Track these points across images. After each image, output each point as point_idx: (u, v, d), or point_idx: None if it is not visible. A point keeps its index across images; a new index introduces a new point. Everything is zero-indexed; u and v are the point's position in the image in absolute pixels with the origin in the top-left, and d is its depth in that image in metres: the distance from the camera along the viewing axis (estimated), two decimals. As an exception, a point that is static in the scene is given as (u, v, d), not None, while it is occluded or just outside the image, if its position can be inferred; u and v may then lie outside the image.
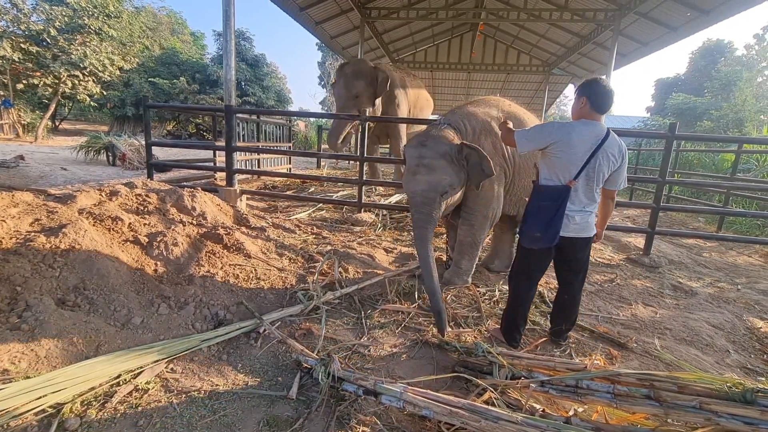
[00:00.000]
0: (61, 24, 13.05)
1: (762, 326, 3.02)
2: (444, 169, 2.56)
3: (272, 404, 1.74)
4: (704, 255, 5.18)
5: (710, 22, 7.62)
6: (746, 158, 9.02)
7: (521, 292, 2.32)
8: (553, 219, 2.07)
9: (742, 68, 21.09)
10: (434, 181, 2.53)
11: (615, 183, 2.19)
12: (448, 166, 2.57)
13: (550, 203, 2.10)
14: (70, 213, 2.68)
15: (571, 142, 2.03)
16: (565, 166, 2.07)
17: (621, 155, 2.10)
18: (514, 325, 2.34)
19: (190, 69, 20.42)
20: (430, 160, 2.56)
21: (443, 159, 2.56)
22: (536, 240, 2.15)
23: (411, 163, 2.63)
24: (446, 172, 2.56)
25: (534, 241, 2.17)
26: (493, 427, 1.36)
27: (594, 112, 2.09)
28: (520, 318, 2.34)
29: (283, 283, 2.91)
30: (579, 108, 2.12)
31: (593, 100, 2.07)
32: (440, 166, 2.55)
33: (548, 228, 2.09)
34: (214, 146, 7.06)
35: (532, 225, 2.15)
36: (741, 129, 14.63)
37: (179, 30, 30.85)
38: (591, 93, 2.08)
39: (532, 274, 2.31)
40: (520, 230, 2.26)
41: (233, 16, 4.81)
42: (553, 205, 2.09)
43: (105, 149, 9.15)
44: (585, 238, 2.19)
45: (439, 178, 2.54)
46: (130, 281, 2.39)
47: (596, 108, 2.08)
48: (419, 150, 2.63)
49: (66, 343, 1.81)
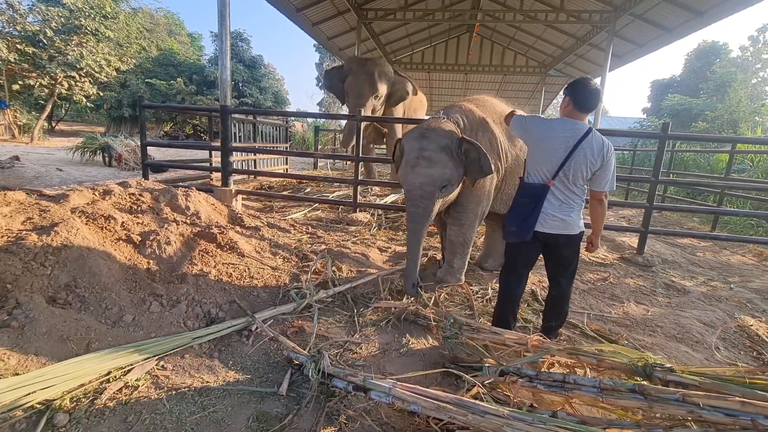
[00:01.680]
0: (58, 25, 13.03)
1: (753, 324, 3.04)
2: (445, 163, 2.48)
3: (262, 401, 1.75)
4: (698, 254, 5.21)
5: (704, 23, 7.66)
6: (740, 158, 9.09)
7: (509, 288, 2.35)
8: (529, 215, 2.13)
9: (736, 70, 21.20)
10: (435, 174, 2.46)
11: (599, 184, 2.12)
12: (449, 160, 2.49)
13: (527, 200, 2.17)
14: (62, 212, 2.69)
15: (548, 138, 2.10)
16: (544, 164, 2.12)
17: (602, 155, 2.04)
18: (504, 320, 2.35)
19: (188, 70, 20.42)
20: (431, 152, 2.47)
21: (444, 152, 2.49)
22: (511, 234, 2.22)
23: (411, 155, 2.53)
24: (447, 166, 2.48)
25: (509, 235, 2.24)
26: (480, 421, 1.36)
27: (577, 111, 2.10)
28: (509, 313, 2.36)
29: (276, 282, 2.91)
30: (564, 107, 2.16)
31: (576, 99, 2.09)
32: (441, 160, 2.47)
33: (523, 223, 2.15)
34: (210, 146, 7.05)
35: (510, 219, 2.23)
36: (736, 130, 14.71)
37: (176, 31, 30.83)
38: (574, 92, 2.10)
39: (518, 269, 2.34)
40: (502, 223, 2.33)
41: (228, 16, 4.82)
42: (529, 202, 2.15)
43: (101, 150, 9.13)
44: (569, 236, 2.17)
45: (439, 172, 2.46)
46: (122, 279, 2.39)
47: (579, 107, 2.09)
48: (420, 142, 2.54)
49: (56, 341, 1.81)
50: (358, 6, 10.09)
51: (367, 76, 5.62)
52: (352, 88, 5.67)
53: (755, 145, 8.40)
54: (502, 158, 3.01)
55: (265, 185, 7.24)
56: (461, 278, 3.12)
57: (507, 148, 3.02)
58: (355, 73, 5.72)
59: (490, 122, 2.94)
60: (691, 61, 25.60)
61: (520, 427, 1.31)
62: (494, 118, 3.03)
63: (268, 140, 8.88)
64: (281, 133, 9.47)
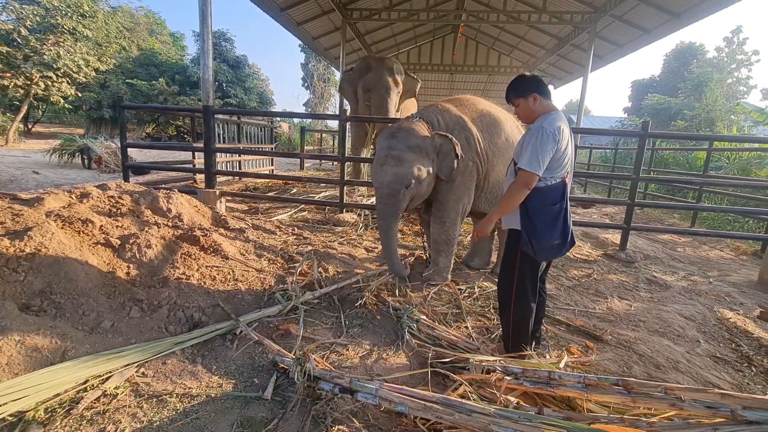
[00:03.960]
0: (33, 23, 12.66)
1: (731, 317, 3.13)
2: (411, 162, 2.58)
3: (247, 405, 1.71)
4: (678, 250, 5.34)
5: (681, 24, 7.87)
6: (717, 156, 9.35)
7: (531, 310, 2.05)
8: (565, 219, 1.92)
9: (712, 70, 21.89)
10: (401, 173, 2.57)
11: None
12: (416, 159, 2.60)
13: (559, 204, 1.92)
14: (36, 216, 2.59)
15: (565, 136, 1.91)
16: (561, 162, 1.91)
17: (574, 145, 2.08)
18: (527, 340, 2.09)
19: (170, 70, 20.07)
20: (398, 152, 2.59)
21: (412, 151, 2.60)
22: (555, 249, 1.95)
23: (380, 153, 2.67)
24: (413, 164, 2.59)
25: (552, 251, 1.97)
26: (467, 420, 1.36)
27: (549, 101, 2.00)
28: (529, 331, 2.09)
29: (261, 284, 2.86)
30: (535, 106, 1.99)
31: (542, 91, 1.99)
32: (408, 159, 2.58)
33: (564, 231, 1.92)
34: (193, 147, 6.92)
35: (549, 233, 1.91)
36: (712, 128, 15.15)
37: (158, 31, 30.25)
38: (536, 86, 1.99)
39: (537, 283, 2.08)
40: (532, 245, 1.92)
41: (210, 15, 4.74)
42: (560, 205, 1.93)
43: (80, 152, 8.90)
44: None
45: (405, 170, 2.57)
46: (100, 284, 2.31)
47: (548, 97, 2.01)
48: (389, 141, 2.67)
49: (30, 350, 1.74)
50: (343, 6, 10.05)
51: (388, 70, 5.69)
52: (375, 84, 5.71)
53: (731, 143, 8.65)
54: (481, 156, 3.02)
55: (250, 187, 7.14)
56: (447, 277, 3.13)
57: (486, 146, 3.04)
58: (376, 69, 5.78)
59: (468, 121, 2.99)
60: (670, 62, 26.32)
61: (506, 425, 1.31)
62: (474, 116, 3.07)
63: (253, 141, 8.78)
64: (266, 134, 9.37)
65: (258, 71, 24.03)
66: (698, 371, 2.29)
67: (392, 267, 2.81)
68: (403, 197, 2.61)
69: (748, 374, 2.37)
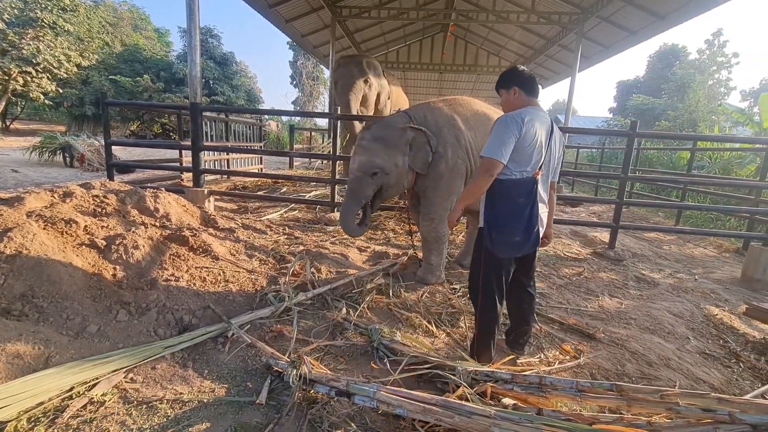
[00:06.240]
0: (11, 17, 12.26)
1: (718, 313, 3.19)
2: (375, 152, 2.72)
3: (240, 411, 1.67)
4: (664, 248, 5.44)
5: (666, 26, 8.03)
6: (700, 156, 9.57)
7: (498, 316, 2.02)
8: (531, 216, 1.90)
9: (695, 71, 22.38)
10: (365, 162, 2.72)
11: (556, 173, 2.10)
12: (382, 150, 2.73)
13: (525, 199, 1.90)
14: (17, 216, 2.49)
15: (533, 129, 1.86)
16: (528, 155, 1.87)
17: (563, 144, 2.10)
18: (489, 348, 2.06)
19: (155, 66, 19.64)
20: (367, 142, 2.78)
21: (377, 142, 2.75)
22: (514, 246, 1.93)
23: (356, 143, 2.86)
24: (377, 155, 2.72)
25: (511, 248, 1.93)
26: (467, 422, 1.34)
27: (531, 97, 1.97)
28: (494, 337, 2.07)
29: (253, 285, 2.81)
30: (513, 99, 1.98)
31: (525, 86, 1.96)
32: (373, 149, 2.74)
33: (528, 228, 1.90)
34: (180, 146, 6.78)
35: (510, 228, 1.90)
36: (695, 128, 15.48)
37: (142, 26, 29.62)
38: (520, 80, 1.97)
39: (504, 289, 2.03)
40: (491, 236, 1.92)
41: (197, 10, 4.64)
42: (526, 201, 1.90)
43: (61, 150, 8.65)
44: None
45: (369, 159, 2.72)
46: (85, 287, 2.24)
47: (531, 93, 1.98)
48: (362, 133, 2.91)
49: (10, 356, 1.67)
50: (332, 3, 9.98)
51: (356, 64, 5.65)
52: (341, 77, 5.66)
53: (713, 143, 8.86)
54: (470, 155, 3.03)
55: (239, 185, 7.03)
56: (441, 276, 3.12)
57: (477, 145, 3.05)
58: (344, 65, 5.76)
59: (459, 120, 3.02)
60: (654, 63, 26.85)
61: (507, 427, 1.30)
62: (467, 116, 3.09)
63: (242, 139, 8.65)
64: (255, 132, 9.24)
65: (245, 68, 23.73)
66: (689, 368, 2.32)
67: (344, 224, 2.82)
68: (367, 184, 2.75)
69: (737, 370, 2.41)
